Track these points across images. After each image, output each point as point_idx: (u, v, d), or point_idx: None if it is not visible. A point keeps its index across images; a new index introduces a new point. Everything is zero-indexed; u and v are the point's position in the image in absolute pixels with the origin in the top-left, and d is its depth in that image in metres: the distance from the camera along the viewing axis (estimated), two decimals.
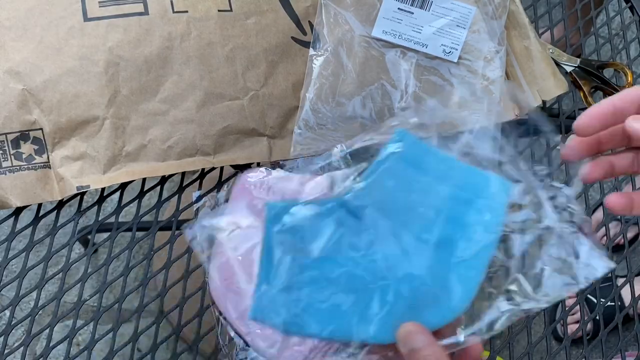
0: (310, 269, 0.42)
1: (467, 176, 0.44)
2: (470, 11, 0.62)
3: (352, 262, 0.42)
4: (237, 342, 0.53)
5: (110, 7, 0.59)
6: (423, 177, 0.43)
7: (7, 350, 0.55)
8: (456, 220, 0.42)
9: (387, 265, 0.41)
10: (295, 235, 0.44)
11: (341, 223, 0.43)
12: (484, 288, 0.41)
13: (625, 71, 0.69)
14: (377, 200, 0.43)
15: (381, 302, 0.41)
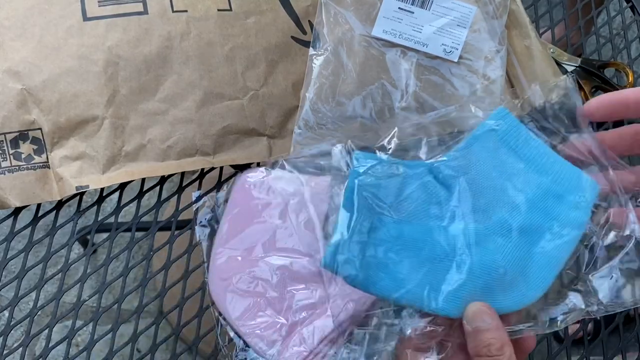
0: (391, 228, 0.41)
1: (561, 169, 0.44)
2: (470, 11, 0.62)
3: (433, 231, 0.41)
4: (236, 343, 0.53)
5: (109, 7, 0.59)
6: (517, 162, 0.43)
7: (6, 351, 0.55)
8: (545, 210, 0.42)
9: (468, 241, 0.41)
10: (379, 191, 0.42)
11: (427, 189, 0.43)
12: (555, 283, 0.41)
13: (626, 71, 0.69)
14: (468, 173, 0.43)
15: (456, 276, 0.40)
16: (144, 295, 0.58)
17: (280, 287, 0.54)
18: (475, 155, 0.44)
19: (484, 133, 0.44)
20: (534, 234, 0.41)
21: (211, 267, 0.56)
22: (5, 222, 0.60)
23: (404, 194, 0.42)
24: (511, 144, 0.44)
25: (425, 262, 0.41)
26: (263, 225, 0.56)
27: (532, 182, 0.43)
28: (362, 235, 0.41)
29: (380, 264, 0.41)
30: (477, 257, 0.41)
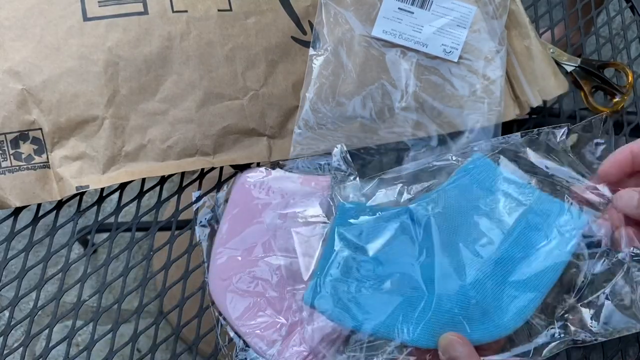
0: (366, 265, 0.43)
1: (540, 202, 0.44)
2: (470, 11, 0.62)
3: (407, 266, 0.43)
4: (236, 343, 0.53)
5: (109, 7, 0.59)
6: (492, 197, 0.44)
7: (6, 351, 0.55)
8: (522, 241, 0.42)
9: (442, 273, 0.42)
10: (358, 234, 0.44)
11: (403, 229, 0.44)
12: (541, 311, 0.41)
13: (626, 71, 0.69)
14: (442, 212, 0.44)
15: (428, 307, 0.41)
16: (144, 295, 0.58)
17: (280, 287, 0.54)
18: (450, 195, 0.45)
19: (458, 176, 0.46)
20: (509, 264, 0.41)
21: (211, 267, 0.56)
22: (5, 222, 0.60)
23: (380, 234, 0.44)
24: (485, 182, 0.45)
25: (399, 295, 0.42)
26: (263, 225, 0.56)
27: (506, 214, 0.43)
28: (339, 273, 0.44)
29: (355, 299, 0.43)
30: (447, 289, 0.41)
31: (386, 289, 0.43)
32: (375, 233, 0.45)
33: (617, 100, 0.68)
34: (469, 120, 0.62)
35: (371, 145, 0.61)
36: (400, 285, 0.43)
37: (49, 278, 0.59)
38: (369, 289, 0.43)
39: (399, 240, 0.44)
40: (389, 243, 0.44)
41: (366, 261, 0.44)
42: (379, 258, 0.44)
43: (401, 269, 0.43)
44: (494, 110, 0.62)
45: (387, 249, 0.44)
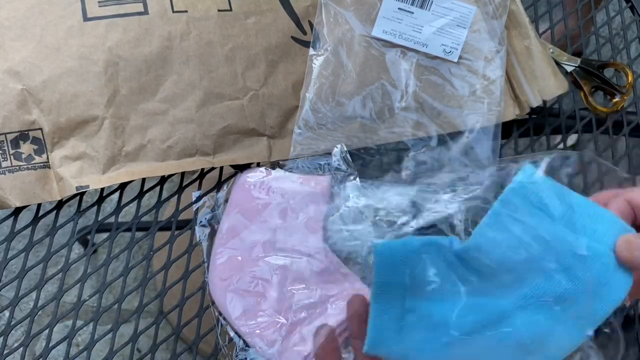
0: (420, 312, 0.41)
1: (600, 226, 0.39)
2: (470, 11, 0.62)
3: (462, 309, 0.40)
4: (236, 343, 0.53)
5: (109, 7, 0.59)
6: (551, 226, 0.38)
7: (6, 351, 0.55)
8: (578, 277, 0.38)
9: (485, 318, 0.40)
10: (405, 274, 0.42)
11: (454, 270, 0.41)
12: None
13: (626, 71, 0.69)
14: (494, 254, 0.40)
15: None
16: (144, 295, 0.58)
17: (280, 287, 0.54)
18: (501, 230, 0.40)
19: (511, 195, 0.40)
20: (568, 304, 0.38)
21: (211, 267, 0.56)
22: (5, 222, 0.60)
23: (429, 279, 0.41)
24: (542, 204, 0.39)
25: (459, 343, 0.40)
26: (263, 225, 0.56)
27: (567, 245, 0.38)
28: (394, 319, 0.41)
29: (414, 348, 0.41)
30: (498, 332, 0.39)
31: (446, 334, 0.40)
32: (423, 274, 0.41)
33: (617, 100, 0.68)
34: (468, 120, 0.62)
35: (371, 145, 0.61)
36: (459, 330, 0.40)
37: (49, 278, 0.59)
38: (428, 333, 0.41)
39: (450, 283, 0.41)
40: (440, 287, 0.40)
41: (420, 306, 0.41)
42: (433, 300, 0.41)
43: (456, 311, 0.40)
44: (494, 110, 0.62)
45: (440, 292, 0.40)
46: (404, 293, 0.41)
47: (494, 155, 0.61)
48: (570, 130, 0.67)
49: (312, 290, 0.54)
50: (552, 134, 0.67)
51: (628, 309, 0.62)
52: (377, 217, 0.57)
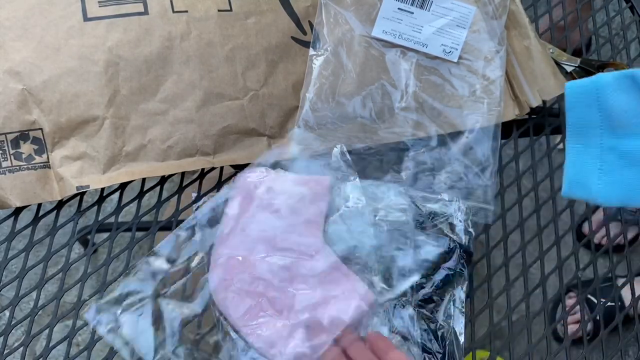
0: (621, 150, 0.39)
1: None
2: (470, 11, 0.62)
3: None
4: (237, 343, 0.53)
5: (110, 7, 0.59)
6: None
7: (6, 351, 0.55)
8: None
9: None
10: (599, 112, 0.40)
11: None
12: None
13: None
14: None
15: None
16: None
17: (280, 287, 0.54)
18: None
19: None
20: None
21: (212, 268, 0.56)
22: (5, 222, 0.60)
23: (626, 112, 0.39)
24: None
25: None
26: (263, 226, 0.56)
27: None
28: (593, 163, 0.39)
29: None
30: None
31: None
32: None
33: None
34: (468, 120, 0.62)
35: (371, 145, 0.61)
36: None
37: (49, 278, 0.59)
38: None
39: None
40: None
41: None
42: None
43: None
44: (494, 110, 0.62)
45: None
46: (601, 132, 0.38)
47: (494, 155, 0.61)
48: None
49: (312, 290, 0.54)
50: (552, 134, 0.67)
51: (628, 309, 0.62)
52: (377, 217, 0.57)
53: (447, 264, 0.56)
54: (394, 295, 0.54)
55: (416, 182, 0.61)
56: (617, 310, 0.61)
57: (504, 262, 0.60)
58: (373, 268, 0.55)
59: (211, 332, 0.55)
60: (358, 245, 0.56)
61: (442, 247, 0.56)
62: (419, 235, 0.57)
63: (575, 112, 0.39)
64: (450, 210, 0.58)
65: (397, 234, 0.56)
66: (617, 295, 0.62)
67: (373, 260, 0.55)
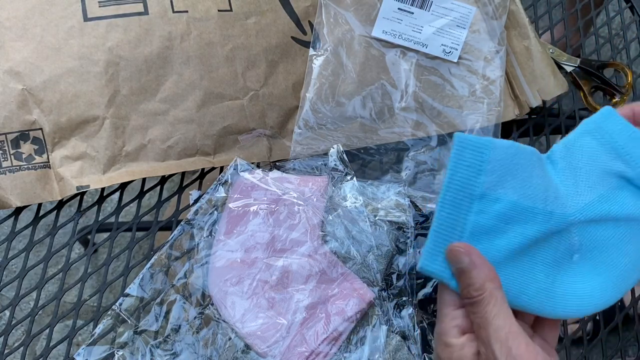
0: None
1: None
2: (470, 11, 0.62)
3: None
4: (237, 344, 0.53)
5: (110, 7, 0.59)
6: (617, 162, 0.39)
7: (7, 350, 0.55)
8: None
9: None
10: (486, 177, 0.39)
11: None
12: None
13: (626, 71, 0.69)
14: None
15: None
16: None
17: (280, 288, 0.54)
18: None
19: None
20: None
21: (210, 269, 0.56)
22: (6, 222, 0.60)
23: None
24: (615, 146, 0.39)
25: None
26: (261, 227, 0.56)
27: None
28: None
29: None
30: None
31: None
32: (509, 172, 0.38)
33: (617, 100, 0.68)
34: (468, 120, 0.62)
35: (371, 145, 0.61)
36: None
37: (49, 278, 0.59)
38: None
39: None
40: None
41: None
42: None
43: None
44: (494, 111, 0.62)
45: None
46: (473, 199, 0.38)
47: None
48: (570, 131, 0.67)
49: (311, 290, 0.54)
50: (552, 134, 0.67)
51: (628, 309, 0.62)
52: (377, 217, 0.57)
53: None
54: (394, 295, 0.54)
55: (416, 182, 0.61)
56: (617, 310, 0.61)
57: None
58: (372, 267, 0.55)
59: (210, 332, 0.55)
60: (357, 244, 0.56)
61: None
62: (418, 235, 0.57)
63: (455, 175, 0.39)
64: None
65: (397, 234, 0.56)
66: None
67: (372, 259, 0.55)
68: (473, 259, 0.36)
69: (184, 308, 0.54)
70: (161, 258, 0.56)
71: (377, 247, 0.55)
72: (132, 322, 0.54)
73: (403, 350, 0.53)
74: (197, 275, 0.55)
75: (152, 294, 0.55)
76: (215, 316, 0.54)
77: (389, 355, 0.52)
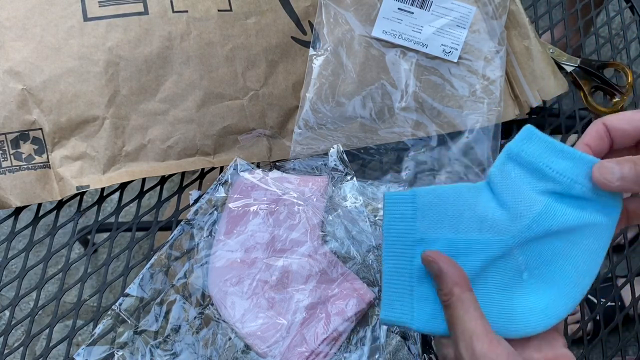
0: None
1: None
2: (470, 11, 0.62)
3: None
4: (237, 344, 0.53)
5: (110, 7, 0.59)
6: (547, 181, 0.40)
7: (6, 351, 0.55)
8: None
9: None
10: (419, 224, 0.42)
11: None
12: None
13: (626, 71, 0.69)
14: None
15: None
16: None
17: (280, 288, 0.54)
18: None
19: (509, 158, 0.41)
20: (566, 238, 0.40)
21: (210, 269, 0.56)
22: (6, 222, 0.60)
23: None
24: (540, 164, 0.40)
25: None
26: (261, 227, 0.56)
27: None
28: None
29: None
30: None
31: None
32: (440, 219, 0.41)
33: (617, 100, 0.68)
34: (468, 120, 0.62)
35: (371, 145, 0.61)
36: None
37: (49, 278, 0.59)
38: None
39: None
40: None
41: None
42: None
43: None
44: (494, 111, 0.62)
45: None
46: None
47: (494, 155, 0.61)
48: (570, 131, 0.67)
49: (311, 290, 0.54)
50: (552, 134, 0.67)
51: (628, 309, 0.62)
52: (377, 217, 0.57)
53: None
54: None
55: (416, 182, 0.61)
56: (617, 310, 0.61)
57: None
58: (372, 267, 0.55)
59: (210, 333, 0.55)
60: (357, 244, 0.56)
61: None
62: None
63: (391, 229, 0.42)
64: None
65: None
66: (617, 295, 0.62)
67: (372, 259, 0.55)
68: (440, 266, 0.38)
69: (184, 308, 0.54)
70: (161, 258, 0.56)
71: (377, 247, 0.55)
72: (132, 322, 0.54)
73: (403, 351, 0.53)
74: (197, 275, 0.55)
75: (152, 294, 0.55)
76: (215, 316, 0.54)
77: (389, 355, 0.52)
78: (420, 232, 0.40)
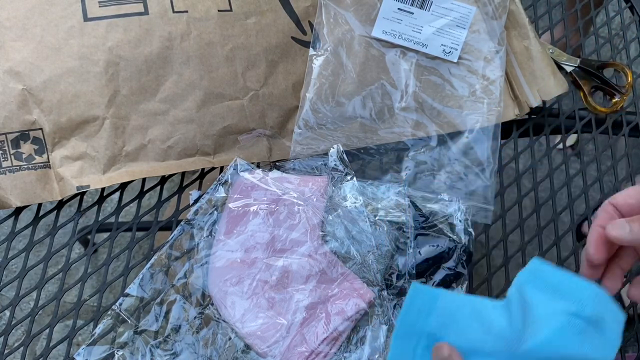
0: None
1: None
2: (470, 11, 0.62)
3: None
4: (237, 344, 0.53)
5: (110, 7, 0.59)
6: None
7: (7, 350, 0.55)
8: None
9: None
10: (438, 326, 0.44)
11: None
12: None
13: (625, 71, 0.69)
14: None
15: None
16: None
17: (280, 287, 0.54)
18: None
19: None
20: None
21: (210, 269, 0.56)
22: (6, 222, 0.60)
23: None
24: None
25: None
26: (261, 227, 0.56)
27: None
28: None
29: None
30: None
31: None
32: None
33: (617, 100, 0.68)
34: (468, 120, 0.62)
35: (371, 145, 0.61)
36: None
37: (49, 278, 0.59)
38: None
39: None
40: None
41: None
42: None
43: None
44: (494, 111, 0.62)
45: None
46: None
47: (493, 155, 0.61)
48: (569, 131, 0.67)
49: (311, 290, 0.54)
50: (552, 134, 0.67)
51: (628, 309, 0.62)
52: (377, 217, 0.57)
53: (447, 264, 0.56)
54: (394, 295, 0.55)
55: (416, 182, 0.61)
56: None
57: (504, 262, 0.60)
58: (372, 267, 0.55)
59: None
60: (357, 244, 0.56)
61: (442, 247, 0.56)
62: (418, 235, 0.57)
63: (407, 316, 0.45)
64: (450, 210, 0.58)
65: (397, 234, 0.56)
66: (617, 295, 0.62)
67: (372, 259, 0.55)
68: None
69: (184, 308, 0.54)
70: (161, 258, 0.56)
71: (377, 247, 0.55)
72: (132, 322, 0.54)
73: None
74: (197, 275, 0.55)
75: (152, 294, 0.55)
76: (215, 316, 0.54)
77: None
78: (431, 327, 0.43)
